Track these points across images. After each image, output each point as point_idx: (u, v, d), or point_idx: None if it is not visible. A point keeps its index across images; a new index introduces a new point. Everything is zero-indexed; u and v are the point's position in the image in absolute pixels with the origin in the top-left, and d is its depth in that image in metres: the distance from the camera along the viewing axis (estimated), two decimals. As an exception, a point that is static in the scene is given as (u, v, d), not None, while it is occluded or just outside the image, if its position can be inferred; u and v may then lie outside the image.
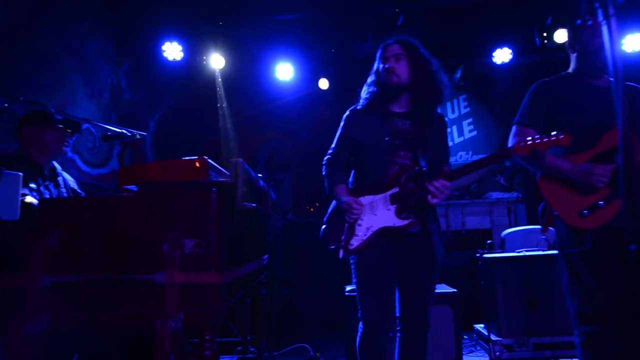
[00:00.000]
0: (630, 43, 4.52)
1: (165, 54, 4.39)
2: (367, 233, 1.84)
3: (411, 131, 1.90)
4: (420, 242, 1.88)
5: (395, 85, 1.87)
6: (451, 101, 5.53)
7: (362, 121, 1.95)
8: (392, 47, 1.92)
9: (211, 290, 1.41)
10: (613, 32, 0.98)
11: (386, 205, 1.84)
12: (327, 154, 2.06)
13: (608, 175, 1.80)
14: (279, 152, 5.57)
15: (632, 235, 0.91)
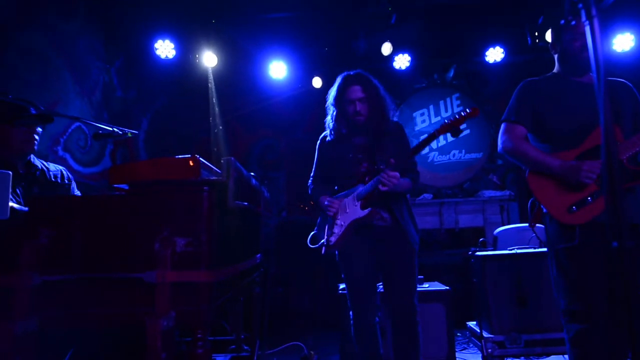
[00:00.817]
0: (619, 43, 4.56)
1: (157, 52, 4.37)
2: (341, 229, 2.17)
3: (369, 145, 2.25)
4: (391, 233, 2.16)
5: (362, 123, 2.25)
6: (444, 100, 5.55)
7: (331, 146, 2.33)
8: (354, 88, 2.23)
9: (202, 289, 1.41)
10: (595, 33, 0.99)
11: (354, 203, 2.17)
12: (310, 177, 2.48)
13: (596, 171, 1.82)
14: (273, 150, 5.57)
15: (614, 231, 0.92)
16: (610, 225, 0.92)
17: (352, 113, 2.23)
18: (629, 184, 1.84)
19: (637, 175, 1.84)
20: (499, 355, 2.71)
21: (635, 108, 2.02)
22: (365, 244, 2.19)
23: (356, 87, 2.23)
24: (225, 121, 5.20)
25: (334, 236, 2.17)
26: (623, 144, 1.85)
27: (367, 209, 2.11)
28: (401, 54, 4.79)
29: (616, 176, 0.85)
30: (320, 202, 2.31)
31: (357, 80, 2.25)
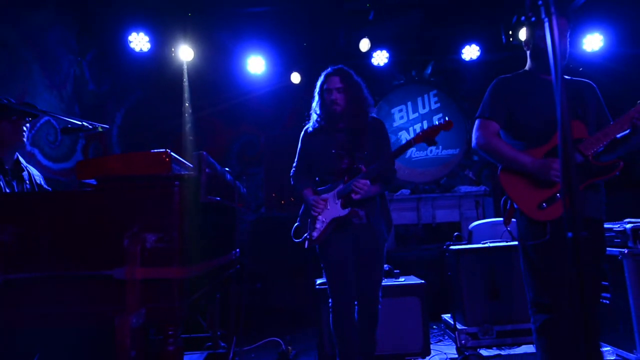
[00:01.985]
0: (589, 43, 4.70)
1: (131, 45, 4.26)
2: (322, 225, 2.29)
3: (349, 142, 2.34)
4: (366, 230, 2.30)
5: (338, 112, 2.34)
6: (422, 96, 5.61)
7: (314, 140, 2.43)
8: (334, 79, 2.35)
9: (174, 285, 1.39)
10: (554, 30, 1.02)
11: (334, 200, 2.29)
12: (292, 168, 2.53)
13: None
14: (252, 146, 5.52)
15: (570, 223, 0.95)
16: (566, 217, 0.95)
17: (329, 102, 2.33)
18: (594, 179, 1.90)
19: (601, 172, 1.90)
20: (472, 347, 2.77)
21: (599, 107, 2.09)
22: (344, 239, 2.31)
23: (335, 78, 2.35)
24: (203, 116, 5.12)
25: (316, 231, 2.30)
26: (588, 140, 1.91)
27: (347, 209, 2.23)
28: (379, 50, 4.82)
29: (572, 170, 0.88)
30: (305, 197, 2.40)
31: (337, 72, 2.38)
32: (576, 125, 1.95)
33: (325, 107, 2.36)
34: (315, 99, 2.44)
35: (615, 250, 2.81)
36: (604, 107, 2.10)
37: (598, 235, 2.01)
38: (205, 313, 3.24)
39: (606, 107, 2.12)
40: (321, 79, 2.42)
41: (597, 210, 1.99)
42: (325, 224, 2.27)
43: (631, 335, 2.70)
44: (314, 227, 2.31)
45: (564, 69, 2.07)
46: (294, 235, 2.43)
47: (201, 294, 1.74)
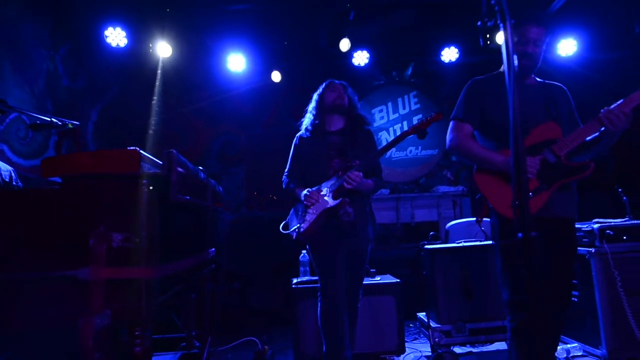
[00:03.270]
0: (563, 47, 4.82)
1: (108, 39, 4.17)
2: (312, 217, 2.33)
3: (341, 143, 2.46)
4: (353, 228, 2.35)
5: (344, 107, 2.51)
6: (402, 97, 5.66)
7: (306, 144, 2.54)
8: (337, 85, 2.59)
9: (141, 286, 1.38)
10: (509, 34, 1.05)
11: (327, 194, 2.35)
12: (284, 173, 2.61)
13: (536, 167, 1.92)
14: (232, 145, 5.48)
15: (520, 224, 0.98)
16: (517, 218, 0.98)
17: (334, 96, 2.50)
18: (567, 179, 1.95)
19: (574, 172, 1.95)
20: (445, 344, 2.82)
21: (570, 109, 2.15)
22: (333, 235, 2.36)
23: (339, 85, 2.58)
24: (182, 114, 5.05)
25: (305, 223, 2.33)
26: (562, 141, 1.96)
27: (338, 200, 2.29)
28: (360, 50, 4.84)
29: (523, 170, 0.91)
30: (297, 194, 2.46)
31: (340, 83, 2.61)
32: (551, 126, 2.00)
33: (326, 104, 2.51)
34: (312, 103, 2.60)
35: (583, 250, 2.90)
36: (574, 110, 2.17)
37: (570, 234, 2.06)
38: (180, 313, 3.20)
39: (576, 111, 2.18)
40: (322, 86, 2.62)
41: (569, 210, 2.04)
42: (315, 216, 2.30)
43: (597, 332, 2.79)
44: (304, 219, 2.35)
45: (537, 72, 2.15)
46: (283, 228, 2.50)
47: (172, 294, 1.73)
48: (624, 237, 2.87)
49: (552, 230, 1.97)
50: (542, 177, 1.92)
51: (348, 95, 2.56)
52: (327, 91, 2.56)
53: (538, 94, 2.10)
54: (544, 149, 1.96)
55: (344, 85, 2.62)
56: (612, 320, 2.73)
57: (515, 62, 0.98)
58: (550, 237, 1.97)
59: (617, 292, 2.69)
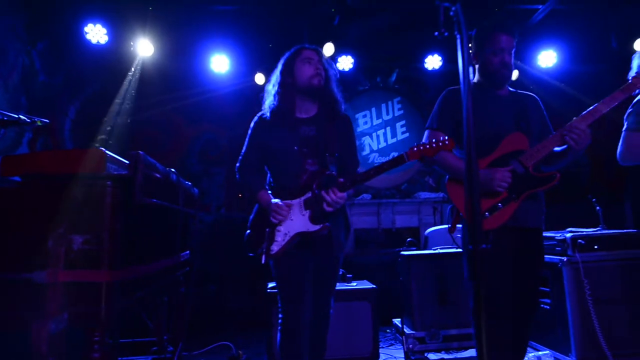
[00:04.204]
0: (543, 59, 4.91)
1: (88, 36, 4.09)
2: (285, 238, 1.92)
3: (317, 137, 1.99)
4: (326, 244, 2.00)
5: (322, 86, 1.98)
6: (386, 103, 5.70)
7: (271, 130, 2.01)
8: (311, 52, 2.02)
9: (102, 289, 1.34)
10: (465, 45, 1.06)
11: (301, 211, 1.93)
12: (239, 160, 2.13)
13: (507, 180, 1.94)
14: (214, 145, 5.43)
15: (471, 235, 0.99)
16: (470, 229, 0.98)
17: (311, 73, 1.95)
18: (534, 189, 1.98)
19: (541, 182, 1.98)
20: (419, 350, 2.82)
21: (542, 120, 2.18)
22: (303, 254, 2.00)
23: (312, 52, 2.02)
24: (163, 113, 4.98)
25: (275, 245, 1.91)
26: (529, 152, 1.99)
27: (318, 225, 1.90)
28: (344, 55, 4.86)
29: (475, 183, 0.91)
30: (261, 200, 2.01)
31: (312, 48, 2.06)
32: (518, 137, 2.03)
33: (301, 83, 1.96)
34: (273, 83, 2.05)
35: (556, 259, 2.94)
36: (546, 121, 2.20)
37: (537, 243, 2.09)
38: (153, 316, 3.15)
39: (549, 121, 2.21)
40: (287, 56, 2.06)
41: (536, 220, 2.08)
42: (288, 238, 1.91)
43: (568, 339, 2.83)
44: (273, 239, 1.92)
45: (509, 82, 2.18)
46: (247, 246, 2.03)
47: (138, 298, 1.69)
48: (595, 247, 2.92)
49: (521, 240, 2.00)
50: (511, 187, 1.95)
51: (325, 70, 2.01)
52: (298, 62, 1.98)
53: (509, 104, 2.13)
54: (512, 160, 1.99)
55: (319, 52, 2.03)
56: (582, 328, 2.77)
57: (469, 75, 0.99)
58: (518, 246, 2.00)
59: (587, 300, 2.74)
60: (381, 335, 3.72)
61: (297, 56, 2.01)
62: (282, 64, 2.06)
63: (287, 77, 2.00)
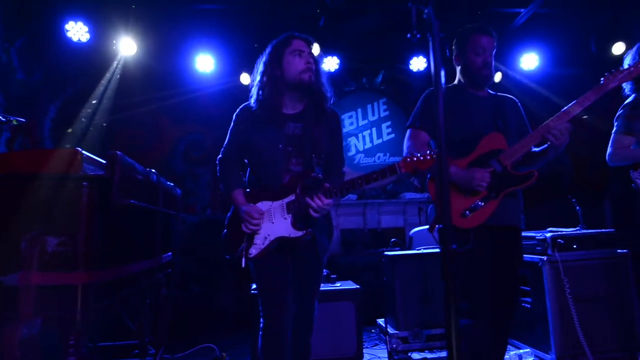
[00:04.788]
0: (525, 62, 4.99)
1: (69, 34, 4.02)
2: (264, 242, 1.84)
3: (303, 136, 1.89)
4: (308, 248, 1.93)
5: (312, 82, 1.86)
6: (372, 104, 5.72)
7: (256, 125, 1.90)
8: (301, 42, 1.89)
9: (77, 292, 1.32)
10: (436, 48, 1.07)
11: (283, 214, 1.84)
12: (220, 152, 2.03)
13: (487, 179, 1.97)
14: (199, 146, 5.38)
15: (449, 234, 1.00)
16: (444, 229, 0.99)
17: (302, 67, 1.82)
18: (512, 188, 2.01)
19: (519, 181, 2.01)
20: (403, 350, 2.84)
21: (520, 120, 2.22)
22: (284, 258, 1.94)
23: (303, 42, 1.89)
24: (147, 112, 4.92)
25: (254, 248, 1.84)
26: (507, 152, 2.02)
27: (302, 230, 1.82)
28: (330, 56, 4.86)
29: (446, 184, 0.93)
30: (235, 202, 1.91)
31: (302, 37, 1.92)
32: (496, 137, 2.06)
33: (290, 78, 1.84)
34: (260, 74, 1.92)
35: (536, 258, 2.99)
36: (525, 122, 2.23)
37: (516, 242, 2.12)
38: (134, 319, 3.10)
39: (527, 122, 2.25)
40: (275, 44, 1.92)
41: (515, 218, 2.11)
42: (268, 242, 1.83)
43: (548, 337, 2.88)
44: (252, 242, 1.85)
45: (490, 82, 2.21)
46: (223, 248, 1.94)
47: (116, 300, 1.66)
48: (574, 246, 2.98)
49: (500, 238, 2.03)
50: (491, 186, 1.98)
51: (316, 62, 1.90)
52: (288, 54, 1.86)
53: (488, 105, 2.16)
54: (491, 159, 2.01)
55: (309, 43, 1.90)
56: (562, 326, 2.83)
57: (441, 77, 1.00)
58: (498, 245, 2.03)
59: (566, 299, 2.79)
60: (366, 335, 3.73)
61: (287, 46, 1.87)
62: (268, 53, 1.92)
63: (276, 68, 1.86)
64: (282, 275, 1.92)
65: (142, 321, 2.74)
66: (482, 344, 1.99)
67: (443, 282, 3.02)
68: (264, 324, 1.93)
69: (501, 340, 2.09)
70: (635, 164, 2.47)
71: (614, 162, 2.56)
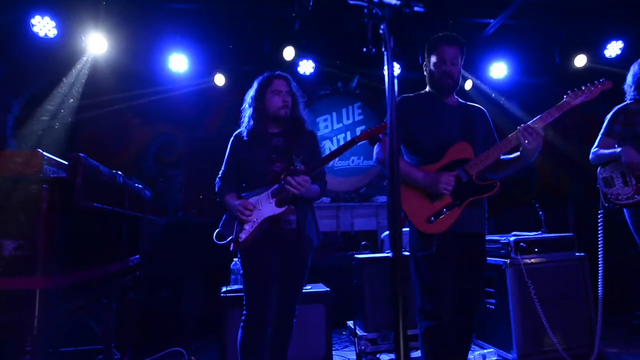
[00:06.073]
0: (495, 71, 5.16)
1: (34, 28, 3.88)
2: (253, 226, 2.09)
3: (285, 146, 2.24)
4: (295, 236, 2.16)
5: (288, 117, 2.26)
6: (347, 108, 5.78)
7: (246, 145, 2.26)
8: (280, 82, 2.27)
9: (35, 297, 1.28)
10: (390, 62, 1.11)
11: (268, 200, 2.13)
12: (218, 175, 2.34)
13: (452, 183, 2.02)
14: (171, 147, 5.28)
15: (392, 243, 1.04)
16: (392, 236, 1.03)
17: (279, 105, 2.23)
18: (475, 197, 2.07)
19: (483, 190, 2.08)
20: (371, 352, 2.88)
21: (487, 130, 2.29)
22: (273, 246, 2.15)
23: (282, 82, 2.28)
24: (117, 112, 4.80)
25: (244, 232, 2.09)
26: (473, 161, 2.08)
27: (283, 207, 2.07)
28: (305, 59, 4.88)
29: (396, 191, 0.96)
30: (228, 203, 2.20)
31: (282, 76, 2.31)
32: (463, 147, 2.12)
33: (270, 112, 2.24)
34: (249, 107, 2.29)
35: (500, 261, 3.10)
36: (492, 131, 2.31)
37: (479, 248, 2.19)
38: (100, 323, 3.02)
39: (495, 132, 2.33)
40: (260, 82, 2.30)
41: (479, 225, 2.18)
42: (257, 224, 2.07)
43: (510, 337, 2.99)
44: (242, 227, 2.10)
45: (455, 90, 2.28)
46: (216, 237, 2.18)
47: (78, 305, 1.63)
48: (536, 249, 3.11)
49: (464, 244, 2.10)
50: (455, 194, 2.04)
51: (292, 95, 2.29)
52: (269, 93, 2.25)
53: (457, 114, 2.22)
54: (457, 168, 2.08)
55: (288, 81, 2.30)
56: (523, 326, 2.94)
57: (395, 89, 1.03)
58: (462, 251, 2.09)
59: (530, 299, 2.91)
60: (337, 337, 3.76)
61: (268, 86, 2.26)
62: (255, 90, 2.31)
63: (260, 103, 2.26)
64: (268, 272, 2.12)
65: (108, 325, 2.68)
66: (446, 345, 2.04)
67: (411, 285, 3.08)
68: (245, 317, 2.10)
69: (465, 341, 2.16)
70: (604, 163, 2.71)
71: (593, 160, 2.85)
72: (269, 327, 2.12)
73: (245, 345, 2.07)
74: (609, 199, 2.69)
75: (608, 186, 2.71)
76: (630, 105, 2.73)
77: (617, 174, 2.68)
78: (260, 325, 2.07)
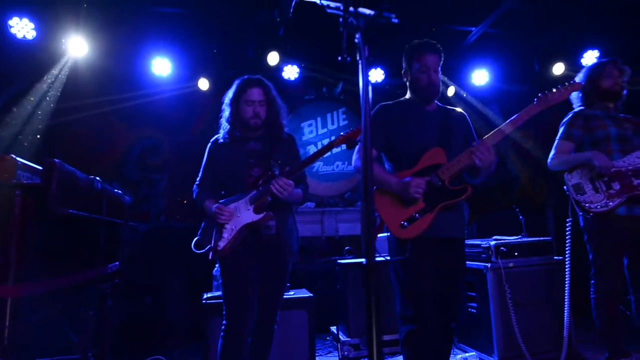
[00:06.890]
0: (476, 77, 5.26)
1: (12, 30, 3.80)
2: (231, 233, 2.09)
3: (262, 150, 2.25)
4: (274, 241, 2.16)
5: (257, 127, 2.27)
6: (331, 113, 5.81)
7: (223, 147, 2.27)
8: (254, 91, 2.25)
9: (6, 305, 1.25)
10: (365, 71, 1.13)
11: (246, 207, 2.12)
12: (196, 182, 2.34)
13: (422, 186, 2.04)
14: (154, 151, 5.22)
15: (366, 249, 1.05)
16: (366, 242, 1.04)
17: (250, 115, 2.23)
18: (448, 202, 2.09)
19: (454, 194, 2.09)
20: (354, 357, 2.88)
21: (467, 134, 2.32)
22: (252, 254, 2.14)
23: (257, 90, 2.25)
24: (99, 115, 4.72)
25: (223, 241, 2.07)
26: (445, 166, 2.10)
27: (261, 213, 2.07)
28: (290, 65, 4.90)
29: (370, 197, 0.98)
30: (206, 208, 2.20)
31: (258, 83, 2.28)
32: (437, 152, 2.15)
33: (242, 119, 2.25)
34: (227, 109, 2.30)
35: (481, 265, 3.14)
36: (472, 135, 2.34)
37: (458, 253, 2.21)
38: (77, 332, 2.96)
39: (475, 136, 2.36)
40: (237, 87, 2.29)
41: (456, 230, 2.20)
42: (235, 232, 2.06)
43: (491, 341, 3.02)
44: (221, 236, 2.09)
45: (437, 97, 2.31)
46: (195, 246, 2.17)
47: (52, 313, 1.59)
48: (516, 253, 3.16)
49: (439, 249, 2.11)
50: (428, 199, 2.06)
51: (269, 103, 2.28)
52: (242, 103, 2.25)
53: (435, 119, 2.25)
54: (431, 173, 2.10)
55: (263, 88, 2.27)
56: (503, 330, 2.98)
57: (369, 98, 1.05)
58: (439, 256, 2.11)
59: (507, 303, 2.95)
60: (320, 343, 3.75)
61: (242, 94, 2.26)
62: (233, 92, 2.29)
63: (235, 108, 2.27)
64: (247, 281, 2.11)
65: (86, 334, 2.62)
66: (427, 350, 2.05)
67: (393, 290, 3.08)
68: (226, 325, 2.09)
69: (446, 346, 2.17)
70: (570, 169, 2.67)
71: (554, 166, 2.74)
72: (248, 337, 2.11)
73: (225, 355, 2.05)
74: (583, 207, 2.57)
75: (580, 193, 2.60)
76: (585, 111, 2.72)
77: (586, 180, 2.59)
78: (240, 334, 2.06)
